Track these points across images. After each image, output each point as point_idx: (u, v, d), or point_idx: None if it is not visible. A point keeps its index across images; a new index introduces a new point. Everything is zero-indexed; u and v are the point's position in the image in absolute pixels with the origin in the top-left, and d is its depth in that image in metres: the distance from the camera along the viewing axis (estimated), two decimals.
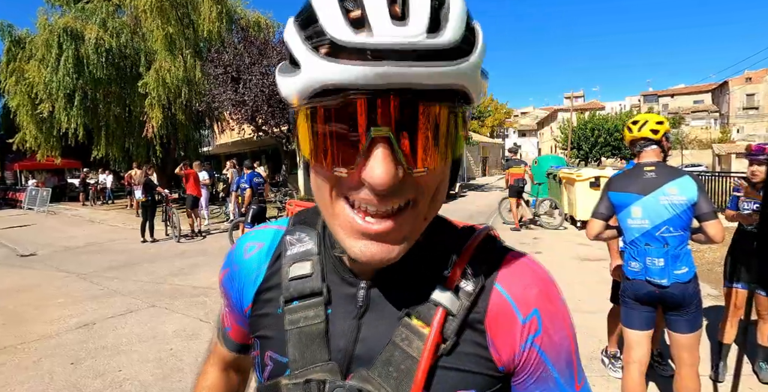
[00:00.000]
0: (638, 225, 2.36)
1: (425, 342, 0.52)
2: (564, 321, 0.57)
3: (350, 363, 0.55)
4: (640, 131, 2.43)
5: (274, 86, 12.31)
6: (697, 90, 62.05)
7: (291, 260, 0.62)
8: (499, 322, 0.54)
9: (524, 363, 0.55)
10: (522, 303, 0.55)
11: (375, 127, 0.42)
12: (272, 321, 0.61)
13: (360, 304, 0.57)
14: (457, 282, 0.55)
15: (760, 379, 3.21)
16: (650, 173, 2.36)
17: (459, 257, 0.56)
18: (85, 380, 3.50)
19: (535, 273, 0.58)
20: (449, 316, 0.53)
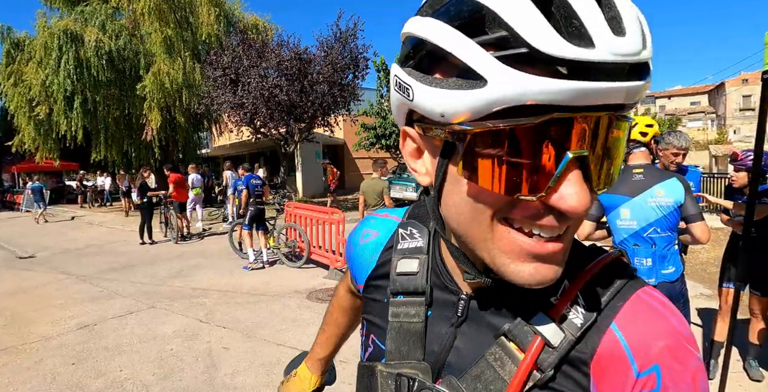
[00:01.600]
0: (627, 226, 2.43)
1: (519, 367, 0.50)
2: (691, 387, 0.48)
3: (441, 368, 0.56)
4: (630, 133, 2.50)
5: (273, 88, 12.43)
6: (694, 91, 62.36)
7: (401, 255, 0.64)
8: (608, 369, 0.48)
9: None
10: (640, 354, 0.48)
11: (577, 148, 0.39)
12: (378, 308, 0.65)
13: (459, 313, 0.56)
14: (565, 312, 0.50)
15: (750, 376, 3.27)
16: (638, 176, 2.42)
17: (572, 283, 0.52)
18: (87, 380, 3.54)
19: (667, 322, 0.49)
20: (548, 347, 0.49)
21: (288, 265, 7.15)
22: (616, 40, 0.36)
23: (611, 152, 0.42)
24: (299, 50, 12.98)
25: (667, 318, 0.50)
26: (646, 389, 0.47)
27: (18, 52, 16.00)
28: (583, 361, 0.49)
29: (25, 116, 15.41)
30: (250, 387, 3.35)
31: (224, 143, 22.13)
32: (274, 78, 12.47)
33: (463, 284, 0.57)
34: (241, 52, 12.71)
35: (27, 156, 19.76)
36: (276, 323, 4.63)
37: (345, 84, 13.80)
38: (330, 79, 13.04)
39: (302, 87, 12.80)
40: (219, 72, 12.71)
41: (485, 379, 0.51)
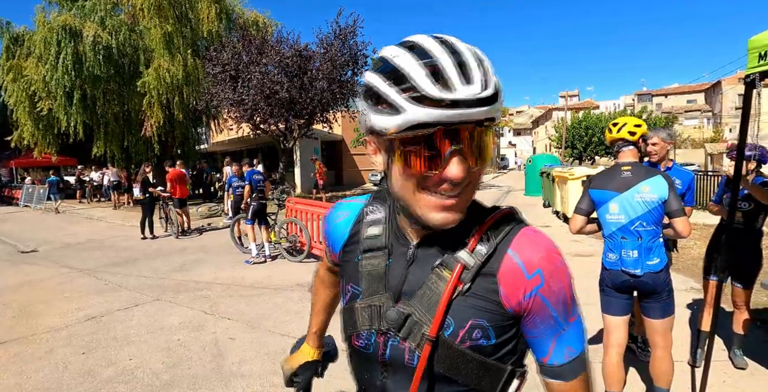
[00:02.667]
0: (615, 220, 2.57)
1: (446, 284, 0.78)
2: (562, 276, 0.80)
3: (399, 295, 0.83)
4: (619, 132, 2.64)
5: (273, 85, 12.51)
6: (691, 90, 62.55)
7: (368, 224, 0.92)
8: (509, 278, 0.77)
9: (530, 307, 0.78)
10: (528, 264, 0.77)
11: (454, 144, 0.69)
12: (352, 265, 0.92)
13: (408, 258, 0.84)
14: (476, 246, 0.79)
15: (735, 365, 3.42)
16: (627, 173, 2.56)
17: (478, 228, 0.81)
18: (98, 368, 3.66)
19: (541, 243, 0.80)
20: (465, 269, 0.78)
21: (289, 259, 7.28)
22: (466, 88, 0.66)
23: (480, 146, 0.71)
24: (299, 47, 13.05)
25: (541, 241, 0.81)
26: (535, 285, 0.77)
27: (17, 47, 16.02)
28: (491, 274, 0.78)
29: (25, 111, 15.44)
30: (257, 374, 3.48)
31: (223, 139, 22.17)
32: (275, 75, 12.54)
33: (412, 238, 0.85)
34: (241, 48, 12.77)
35: (24, 151, 19.74)
36: (279, 314, 4.76)
37: (344, 81, 13.88)
38: (329, 76, 13.13)
39: (302, 84, 12.88)
40: (218, 68, 12.77)
41: (427, 296, 0.80)
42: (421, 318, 0.79)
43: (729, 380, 3.26)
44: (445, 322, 0.78)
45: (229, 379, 3.42)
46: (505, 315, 0.79)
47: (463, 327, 0.78)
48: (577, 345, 0.84)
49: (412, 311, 0.80)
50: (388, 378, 0.86)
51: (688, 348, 3.72)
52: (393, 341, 0.83)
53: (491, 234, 0.80)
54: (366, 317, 0.86)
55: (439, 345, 0.78)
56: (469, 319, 0.78)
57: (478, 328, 0.78)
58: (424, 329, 0.79)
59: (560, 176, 10.66)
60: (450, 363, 0.79)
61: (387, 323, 0.82)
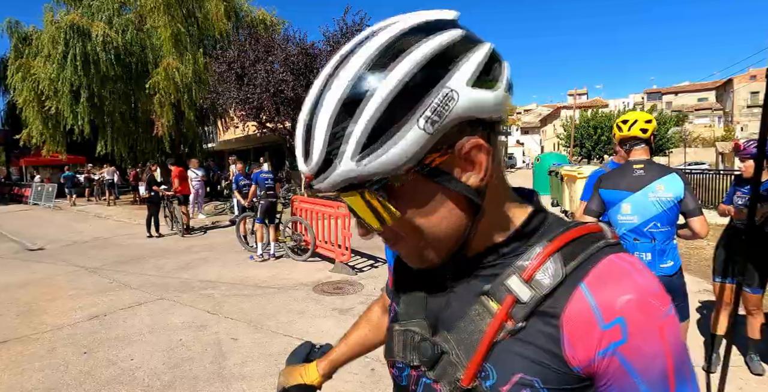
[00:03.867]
0: (628, 221, 2.46)
1: (493, 318, 0.59)
2: (658, 336, 0.54)
3: (437, 324, 0.67)
4: (630, 130, 2.53)
5: (279, 84, 12.47)
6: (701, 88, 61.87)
7: None
8: (576, 324, 0.55)
9: (603, 370, 0.55)
10: (606, 308, 0.54)
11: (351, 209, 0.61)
12: (399, 279, 0.80)
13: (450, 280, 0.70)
14: (535, 274, 0.59)
15: (751, 370, 3.31)
16: (639, 171, 2.46)
17: (543, 250, 0.60)
18: (99, 368, 3.62)
19: (633, 279, 0.56)
20: (517, 304, 0.58)
21: (294, 258, 7.23)
22: (302, 164, 0.57)
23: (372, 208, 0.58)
24: (305, 45, 12.99)
25: (633, 275, 0.56)
26: (613, 340, 0.53)
27: (26, 46, 16.12)
28: (553, 316, 0.56)
29: (34, 110, 15.53)
30: (259, 376, 3.42)
31: (229, 138, 22.22)
32: (280, 73, 12.50)
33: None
34: (248, 46, 12.74)
35: (33, 150, 19.90)
36: (283, 314, 4.70)
37: None
38: None
39: (308, 82, 12.84)
40: (224, 67, 12.75)
41: (469, 330, 0.62)
42: (456, 358, 0.62)
43: (746, 386, 3.16)
44: (483, 370, 0.60)
45: (230, 381, 3.37)
46: (568, 375, 0.56)
47: (507, 381, 0.58)
48: None
49: (449, 348, 0.64)
50: None
51: (701, 353, 3.62)
52: (426, 379, 0.67)
53: (560, 259, 0.59)
54: (401, 345, 0.72)
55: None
56: (516, 373, 0.58)
57: (526, 387, 0.57)
58: (458, 373, 0.62)
59: (569, 175, 10.52)
60: None
61: (420, 358, 0.67)
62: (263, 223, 7.34)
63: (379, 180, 0.55)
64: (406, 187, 0.57)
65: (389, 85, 0.51)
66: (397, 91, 0.51)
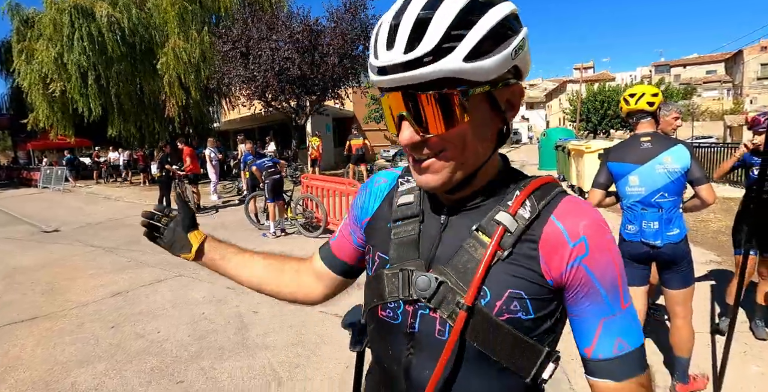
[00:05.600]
0: (636, 192, 2.54)
1: (486, 249, 0.73)
2: (609, 252, 0.73)
3: (432, 261, 0.78)
4: (637, 103, 2.57)
5: (284, 61, 12.40)
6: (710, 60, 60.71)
7: (401, 193, 0.88)
8: (551, 244, 0.72)
9: (572, 279, 0.72)
10: (572, 231, 0.72)
11: (403, 110, 0.68)
12: (383, 232, 0.87)
13: (442, 223, 0.80)
14: (518, 210, 0.75)
15: (756, 336, 3.42)
16: (646, 144, 2.51)
17: (520, 193, 0.76)
18: (128, 341, 3.78)
19: (587, 211, 0.75)
20: (507, 233, 0.73)
21: (306, 235, 7.36)
22: (387, 53, 0.65)
23: (424, 111, 0.67)
24: (309, 22, 12.84)
25: (587, 209, 0.75)
26: (579, 254, 0.71)
27: (28, 29, 16.01)
28: (533, 241, 0.73)
29: (39, 93, 15.52)
30: (281, 346, 3.57)
31: (234, 117, 22.17)
32: (285, 51, 12.41)
33: (445, 203, 0.81)
34: (251, 23, 12.61)
35: (39, 134, 20.03)
36: None
37: (355, 55, 13.70)
38: (340, 51, 12.96)
39: (312, 59, 12.75)
40: (229, 46, 12.67)
41: (464, 261, 0.74)
42: (455, 285, 0.73)
43: (750, 350, 3.27)
44: (482, 290, 0.72)
45: (255, 350, 3.52)
46: (545, 287, 0.72)
47: (501, 297, 0.72)
48: (631, 338, 0.74)
49: (445, 278, 0.74)
50: (414, 355, 0.78)
51: (707, 319, 3.73)
52: (423, 310, 0.77)
53: (533, 199, 0.75)
54: (395, 284, 0.79)
55: (475, 315, 0.72)
56: (507, 288, 0.72)
57: (516, 299, 0.72)
58: (458, 297, 0.73)
59: (576, 150, 10.52)
60: (484, 336, 0.72)
61: (417, 291, 0.76)
62: (274, 202, 7.45)
63: (467, 82, 0.65)
64: (475, 100, 0.68)
65: (498, 15, 0.65)
66: (501, 21, 0.65)
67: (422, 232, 0.81)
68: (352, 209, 0.99)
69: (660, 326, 3.49)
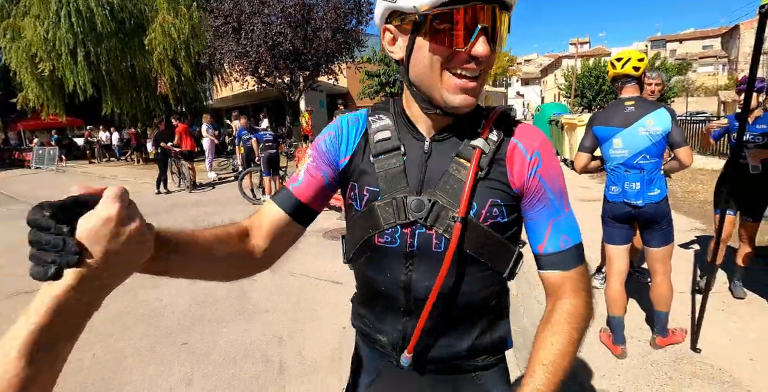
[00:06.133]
0: (619, 155, 2.64)
1: (468, 170, 0.85)
2: (556, 165, 0.89)
3: (421, 187, 0.89)
4: (623, 68, 2.65)
5: (277, 37, 12.25)
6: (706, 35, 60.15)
7: (375, 130, 0.94)
8: (514, 160, 0.87)
9: (529, 187, 0.87)
10: (529, 148, 0.88)
11: (481, 23, 0.73)
12: (366, 167, 0.93)
13: (426, 151, 0.90)
14: (488, 135, 0.88)
15: (734, 295, 3.59)
16: (630, 107, 2.61)
17: (486, 121, 0.90)
18: (132, 308, 3.91)
19: (538, 134, 0.91)
20: (483, 155, 0.86)
21: None
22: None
23: (499, 28, 0.76)
24: None
25: (537, 131, 0.91)
26: (534, 165, 0.87)
27: (12, 6, 15.61)
28: (501, 159, 0.87)
29: (28, 72, 15.26)
30: (281, 310, 3.71)
31: (227, 95, 21.97)
32: (278, 25, 12.25)
33: (428, 132, 0.91)
34: None
35: (30, 113, 19.78)
36: (297, 258, 4.97)
37: (349, 30, 13.55)
38: (333, 26, 12.81)
39: (305, 34, 12.61)
40: (220, 20, 12.48)
41: (451, 183, 0.87)
42: (446, 203, 0.85)
43: (727, 308, 3.44)
44: (471, 204, 0.85)
45: (254, 314, 3.66)
46: (512, 195, 0.88)
47: (484, 206, 0.86)
48: (573, 235, 0.89)
49: (437, 198, 0.86)
50: (413, 271, 0.88)
51: (687, 279, 3.91)
52: (420, 230, 0.87)
53: (496, 127, 0.89)
54: (390, 212, 0.88)
55: (467, 225, 0.85)
56: (489, 198, 0.86)
57: (495, 206, 0.86)
58: (451, 212, 0.85)
59: (569, 123, 10.60)
60: (477, 242, 0.86)
61: (413, 213, 0.86)
62: (269, 175, 7.53)
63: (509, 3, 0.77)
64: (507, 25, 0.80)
65: None
66: None
67: (407, 163, 0.90)
68: (322, 151, 0.96)
69: (643, 287, 3.65)
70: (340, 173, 0.96)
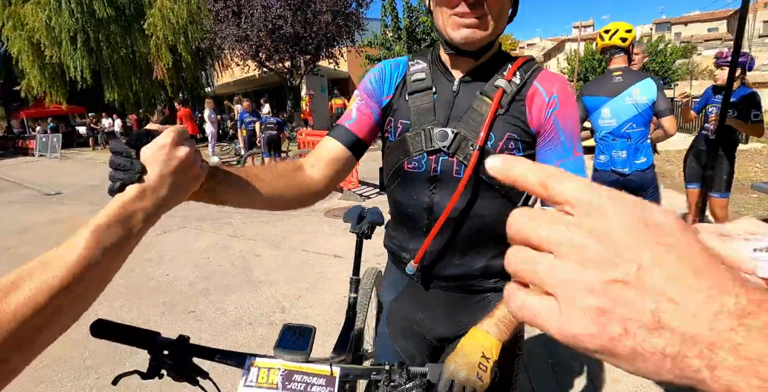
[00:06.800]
0: (607, 124, 2.73)
1: (490, 106, 0.97)
2: (573, 108, 0.99)
3: (447, 120, 1.02)
4: (611, 39, 2.72)
5: (277, 20, 12.22)
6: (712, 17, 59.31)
7: (413, 72, 1.08)
8: (534, 101, 0.98)
9: (545, 127, 0.98)
10: (548, 91, 0.98)
11: None
12: (402, 104, 1.08)
13: (454, 90, 1.03)
14: (512, 77, 0.99)
15: None
16: (618, 78, 2.68)
17: (512, 65, 1.01)
18: (141, 282, 4.04)
19: (559, 79, 1.01)
20: (505, 94, 0.98)
21: None
22: None
23: None
24: None
25: (558, 77, 1.01)
26: (552, 107, 0.97)
27: None
28: (521, 100, 0.99)
29: (30, 60, 15.29)
30: (283, 281, 3.84)
31: (228, 81, 21.93)
32: (277, 9, 12.21)
33: (458, 74, 1.04)
34: None
35: (32, 102, 19.84)
36: (299, 235, 5.09)
37: (349, 13, 13.49)
38: (333, 9, 12.75)
39: (305, 17, 12.56)
40: (221, 4, 12.44)
41: (473, 117, 0.99)
42: (467, 134, 0.98)
43: None
44: (489, 136, 0.97)
45: (258, 286, 3.78)
46: (528, 133, 0.99)
47: (501, 139, 0.98)
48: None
49: (460, 130, 0.99)
50: (436, 193, 1.03)
51: None
52: (443, 157, 1.01)
53: (522, 71, 1.00)
54: (418, 141, 1.01)
55: (484, 154, 0.96)
56: (506, 133, 0.98)
57: (511, 140, 0.98)
58: (471, 142, 0.97)
59: None
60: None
61: (438, 142, 0.99)
62: (270, 157, 7.63)
63: None
64: None
65: None
66: None
67: (436, 100, 1.03)
68: (369, 91, 1.11)
69: None
70: (383, 109, 1.11)
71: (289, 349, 0.84)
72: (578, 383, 2.41)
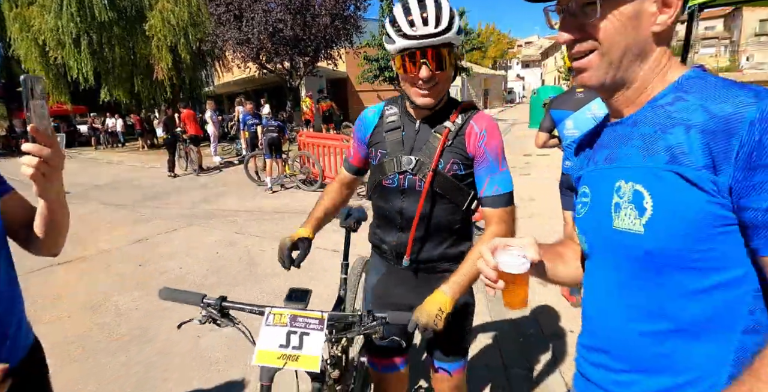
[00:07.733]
0: (571, 134, 3.08)
1: (439, 141, 1.42)
2: (498, 138, 1.43)
3: (411, 150, 1.46)
4: None
5: (278, 23, 12.56)
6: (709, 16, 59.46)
7: (388, 115, 1.54)
8: (470, 135, 1.42)
9: (478, 153, 1.41)
10: (480, 127, 1.42)
11: (422, 59, 1.30)
12: (380, 138, 1.54)
13: (416, 129, 1.48)
14: (456, 119, 1.43)
15: None
16: (580, 94, 3.04)
17: (455, 111, 1.45)
18: (153, 276, 4.39)
19: (487, 118, 1.45)
20: (450, 131, 1.42)
21: (304, 189, 7.93)
22: (424, 28, 1.25)
23: (440, 60, 1.31)
24: None
25: (488, 117, 1.46)
26: (481, 139, 1.41)
27: None
28: (462, 134, 1.43)
29: (36, 61, 15.58)
30: (288, 275, 4.16)
31: (228, 81, 22.22)
32: (278, 12, 12.54)
33: (416, 118, 1.48)
34: None
35: None
36: None
37: (347, 16, 13.81)
38: (332, 12, 13.08)
39: (305, 20, 12.88)
40: (222, 8, 12.76)
41: (429, 148, 1.44)
42: (425, 160, 1.42)
43: None
44: (439, 161, 1.41)
45: (264, 278, 4.14)
46: (467, 158, 1.43)
47: (449, 162, 1.42)
48: (504, 186, 1.41)
49: (420, 157, 1.43)
50: (404, 201, 1.48)
51: None
52: (409, 176, 1.45)
53: (462, 114, 1.44)
54: (392, 165, 1.46)
55: (437, 174, 1.41)
56: (452, 158, 1.42)
57: (455, 163, 1.42)
58: (427, 166, 1.41)
59: None
60: (442, 184, 1.42)
61: (405, 166, 1.44)
62: (271, 158, 7.96)
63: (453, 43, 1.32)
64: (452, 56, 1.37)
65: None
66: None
67: (404, 136, 1.48)
68: (357, 134, 1.62)
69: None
70: (366, 144, 1.59)
71: (293, 302, 1.33)
72: (544, 358, 2.77)
